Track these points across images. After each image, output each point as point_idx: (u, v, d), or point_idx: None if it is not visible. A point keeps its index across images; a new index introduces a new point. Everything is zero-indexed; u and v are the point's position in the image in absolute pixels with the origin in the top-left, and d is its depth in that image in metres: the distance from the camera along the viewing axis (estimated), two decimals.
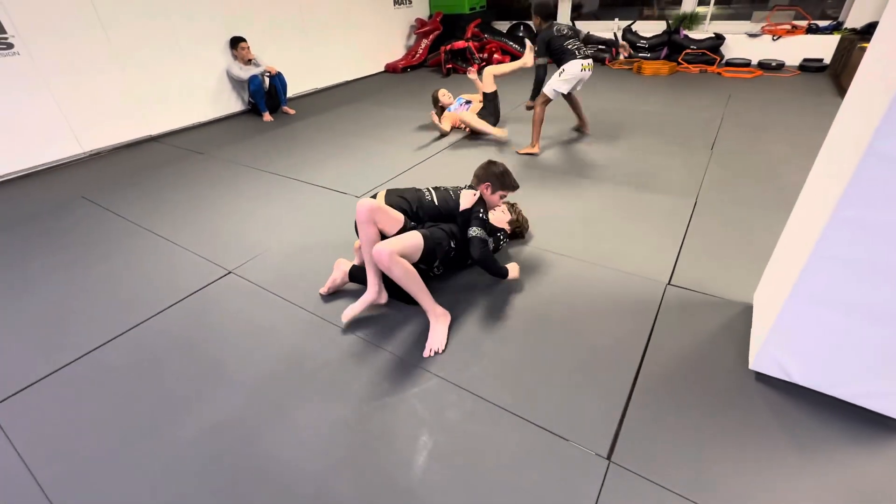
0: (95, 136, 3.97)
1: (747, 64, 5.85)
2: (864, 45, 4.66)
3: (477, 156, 3.59)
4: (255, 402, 1.54)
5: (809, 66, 5.59)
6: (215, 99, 4.82)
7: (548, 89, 3.44)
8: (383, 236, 1.81)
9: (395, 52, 7.12)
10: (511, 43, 6.85)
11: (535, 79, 3.51)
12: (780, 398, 1.46)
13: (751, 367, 1.54)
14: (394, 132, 4.22)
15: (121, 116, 4.09)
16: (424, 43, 6.98)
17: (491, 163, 2.06)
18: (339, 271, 2.00)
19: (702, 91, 5.06)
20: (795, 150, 3.34)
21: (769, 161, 3.21)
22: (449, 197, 2.00)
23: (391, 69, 6.87)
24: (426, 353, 1.67)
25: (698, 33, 6.25)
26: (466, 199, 1.90)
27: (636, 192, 2.86)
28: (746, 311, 1.82)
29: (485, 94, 4.06)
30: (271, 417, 1.49)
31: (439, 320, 1.74)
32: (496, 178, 2.02)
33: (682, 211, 2.61)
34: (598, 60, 6.57)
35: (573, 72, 3.34)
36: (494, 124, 4.03)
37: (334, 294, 2.05)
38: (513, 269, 1.99)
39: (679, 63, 5.98)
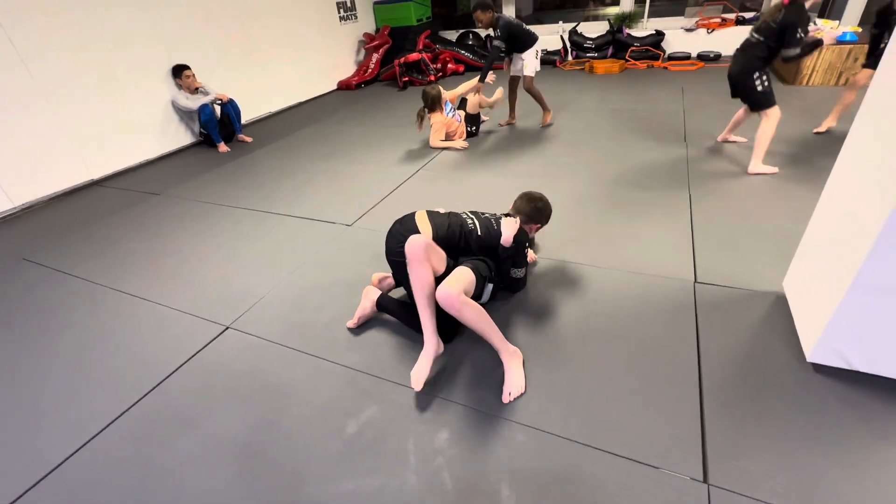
0: (27, 188, 3.49)
1: (688, 57, 6.19)
2: None
3: (463, 169, 3.50)
4: (301, 489, 1.33)
5: None
6: (162, 133, 4.41)
7: (531, 71, 3.90)
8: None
9: (347, 68, 6.92)
10: (463, 52, 6.86)
11: (489, 59, 3.78)
12: (846, 388, 1.45)
13: (809, 359, 1.53)
14: (365, 152, 4.04)
15: (55, 162, 3.63)
16: (375, 57, 6.84)
17: (537, 199, 1.99)
18: (368, 300, 1.83)
19: (656, 86, 5.27)
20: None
21: (740, 146, 3.35)
22: (491, 226, 1.88)
23: (344, 86, 6.67)
24: (505, 399, 1.51)
25: (639, 31, 6.55)
26: (509, 230, 1.80)
27: (629, 191, 2.88)
28: (779, 300, 1.83)
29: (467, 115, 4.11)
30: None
31: (513, 359, 1.58)
32: (545, 217, 2.03)
33: (681, 204, 2.65)
34: (549, 63, 6.72)
35: (539, 50, 3.90)
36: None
37: (363, 335, 1.86)
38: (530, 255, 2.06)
39: (627, 60, 6.22)
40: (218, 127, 4.46)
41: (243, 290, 2.24)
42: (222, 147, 4.46)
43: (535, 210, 1.97)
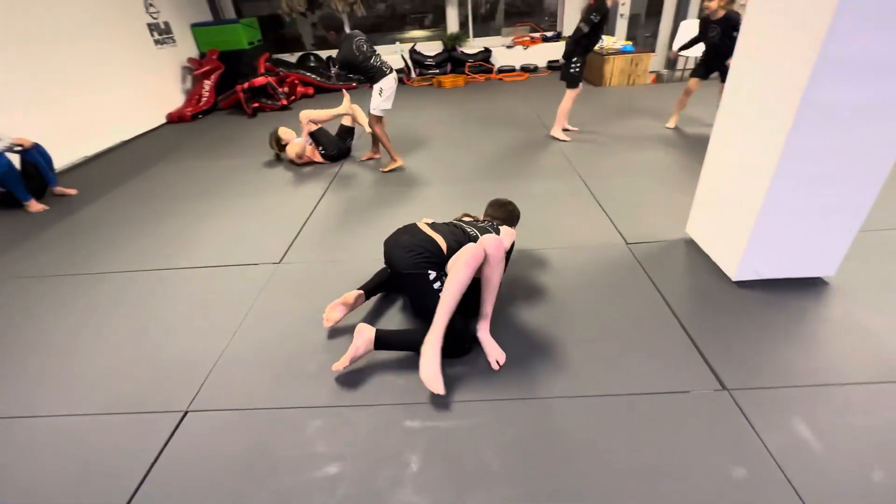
0: None
1: (514, 69, 7.18)
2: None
3: (376, 183, 3.41)
4: None
5: (554, 66, 7.25)
6: None
7: (376, 111, 3.45)
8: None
9: (174, 98, 5.99)
10: (309, 74, 6.62)
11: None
12: (765, 293, 1.93)
13: (734, 279, 1.98)
14: (244, 185, 3.60)
15: None
16: (208, 84, 6.09)
17: (507, 203, 2.19)
18: (363, 339, 1.63)
19: (502, 94, 5.98)
20: (595, 115, 4.33)
21: (604, 133, 4.08)
22: (488, 233, 1.90)
23: (177, 118, 5.75)
24: (496, 367, 1.63)
25: (470, 48, 7.32)
26: (509, 239, 1.93)
27: (528, 182, 3.23)
28: (689, 243, 2.32)
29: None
30: None
31: (486, 331, 1.71)
32: (517, 219, 2.20)
33: (578, 186, 3.10)
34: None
35: (390, 87, 3.40)
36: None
37: (361, 371, 1.68)
38: None
39: (468, 74, 6.89)
40: (22, 181, 3.40)
41: (184, 364, 1.79)
42: (34, 205, 3.41)
43: (508, 214, 2.13)
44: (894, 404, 1.42)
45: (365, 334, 1.64)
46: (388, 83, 3.38)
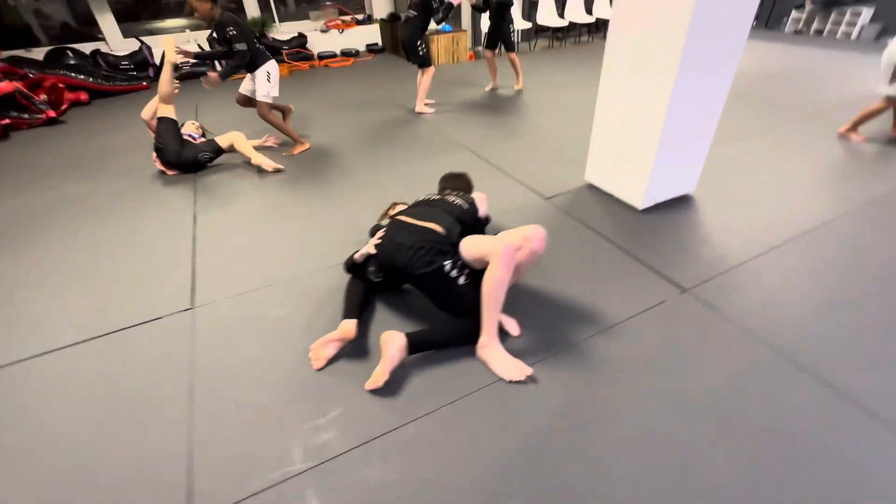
0: None
1: (335, 55, 6.87)
2: None
3: (263, 184, 2.90)
4: None
5: (374, 49, 7.21)
6: None
7: (267, 98, 3.27)
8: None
9: None
10: (76, 75, 5.07)
11: (235, 65, 3.06)
12: (664, 212, 2.43)
13: (640, 209, 2.44)
14: (71, 222, 2.65)
15: None
16: None
17: (461, 174, 2.23)
18: (396, 348, 1.46)
19: (339, 80, 5.67)
20: (439, 90, 4.57)
21: (456, 104, 4.29)
22: (465, 203, 1.92)
23: None
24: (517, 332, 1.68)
25: (281, 34, 6.68)
26: (485, 204, 1.96)
27: (429, 159, 3.25)
28: (591, 187, 2.72)
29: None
30: None
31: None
32: (473, 187, 2.23)
33: (468, 155, 3.26)
34: (196, 76, 5.90)
35: (276, 70, 3.29)
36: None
37: (405, 386, 1.50)
38: None
39: (289, 62, 6.29)
40: None
41: (147, 472, 1.30)
42: None
43: (467, 183, 2.16)
44: (774, 264, 2.01)
45: (397, 342, 1.47)
46: (274, 66, 3.24)
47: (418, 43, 3.96)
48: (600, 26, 7.44)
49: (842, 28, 6.78)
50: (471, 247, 1.58)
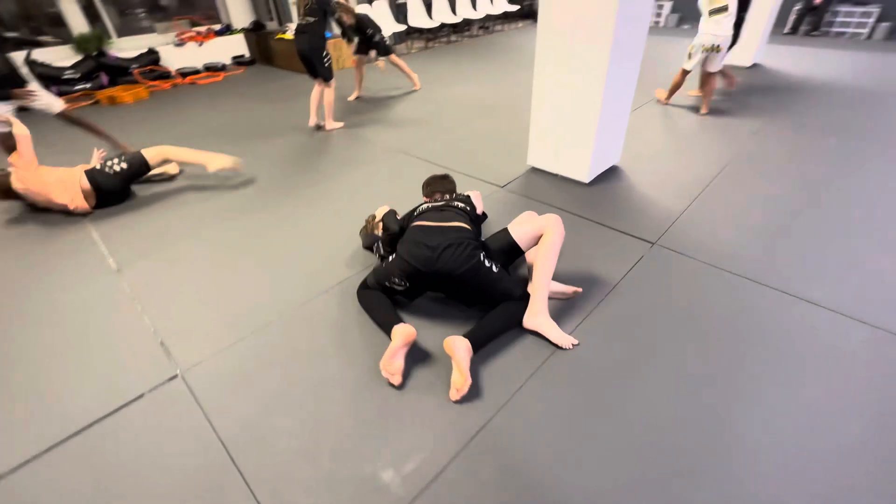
0: None
1: (198, 71, 6.12)
2: (281, 35, 6.08)
3: (207, 215, 2.49)
4: None
5: (242, 61, 6.61)
6: None
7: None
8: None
9: None
10: None
11: None
12: (605, 183, 2.76)
13: (587, 182, 2.73)
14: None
15: None
16: None
17: (443, 175, 2.21)
18: (463, 350, 1.44)
19: (218, 99, 5.09)
20: (337, 99, 4.48)
21: (363, 112, 4.20)
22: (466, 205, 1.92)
23: None
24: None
25: (126, 52, 5.71)
26: (481, 201, 2.01)
27: (365, 172, 3.17)
28: (535, 170, 2.96)
29: None
30: None
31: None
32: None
33: (405, 158, 3.26)
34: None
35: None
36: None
37: (487, 390, 1.48)
38: None
39: (146, 83, 5.43)
40: None
41: None
42: None
43: (452, 182, 2.18)
44: (706, 214, 2.44)
45: (463, 345, 1.47)
46: None
47: (324, 54, 3.66)
48: (465, 26, 7.91)
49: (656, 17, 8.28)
50: (524, 228, 1.71)
